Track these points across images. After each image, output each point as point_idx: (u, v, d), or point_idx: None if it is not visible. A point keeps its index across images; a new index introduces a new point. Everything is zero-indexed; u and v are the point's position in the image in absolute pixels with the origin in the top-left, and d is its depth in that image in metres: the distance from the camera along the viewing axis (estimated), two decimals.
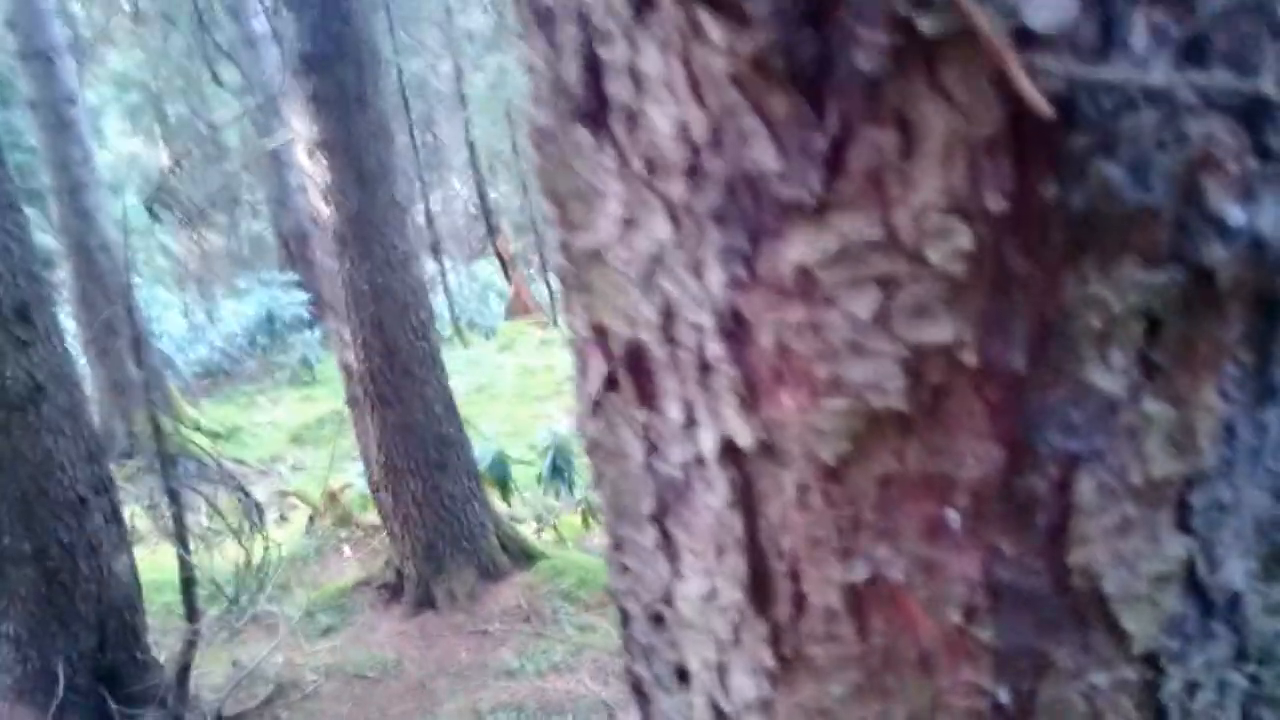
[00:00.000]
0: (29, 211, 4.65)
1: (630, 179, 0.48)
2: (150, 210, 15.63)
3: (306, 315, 14.46)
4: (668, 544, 0.55)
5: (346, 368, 5.49)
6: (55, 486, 4.14)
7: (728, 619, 0.51)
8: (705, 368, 0.48)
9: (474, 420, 6.32)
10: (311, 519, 7.25)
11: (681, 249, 0.47)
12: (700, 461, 0.50)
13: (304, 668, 5.15)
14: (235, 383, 13.97)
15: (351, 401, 5.59)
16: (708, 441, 0.49)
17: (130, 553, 4.50)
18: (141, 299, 11.61)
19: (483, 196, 17.86)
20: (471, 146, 18.37)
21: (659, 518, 0.54)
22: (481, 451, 6.25)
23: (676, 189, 0.46)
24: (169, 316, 14.88)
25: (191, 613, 4.22)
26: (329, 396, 12.31)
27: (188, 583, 4.16)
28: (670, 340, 0.50)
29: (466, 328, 15.64)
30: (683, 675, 0.58)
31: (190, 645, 4.21)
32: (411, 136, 16.02)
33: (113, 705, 4.26)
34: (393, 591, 5.87)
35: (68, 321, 7.38)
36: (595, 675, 4.65)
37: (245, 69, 15.44)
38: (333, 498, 7.29)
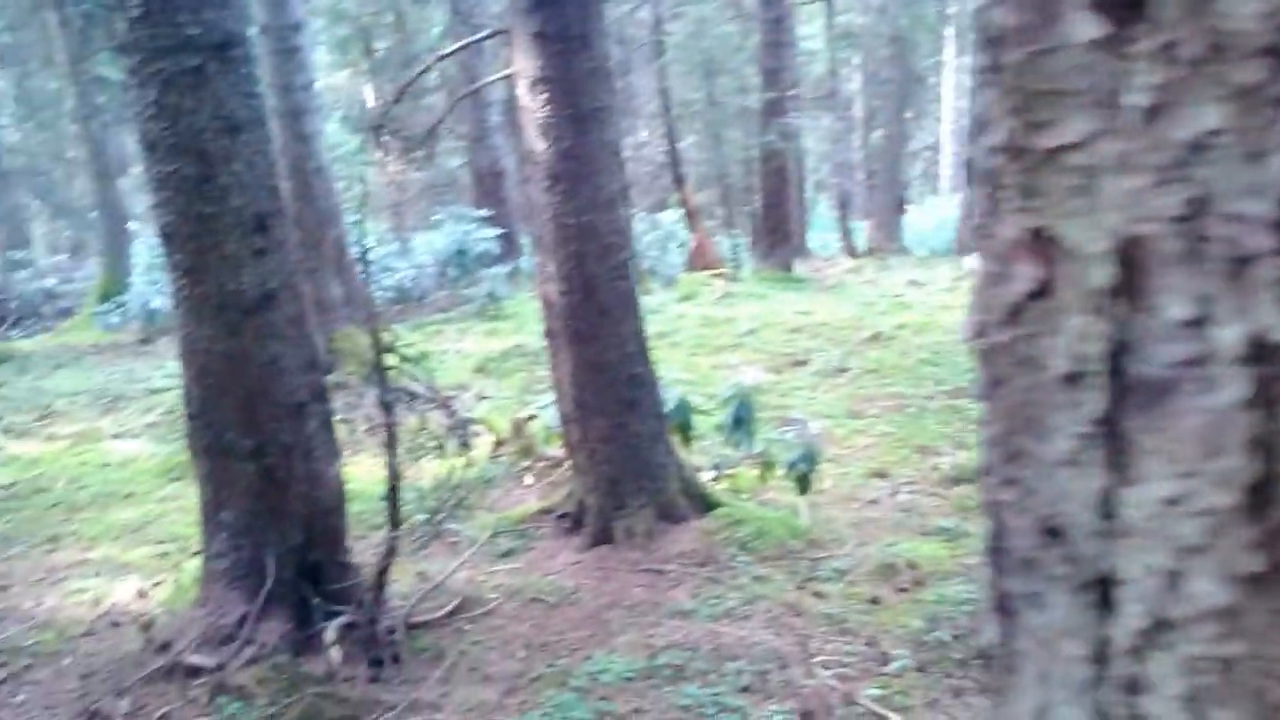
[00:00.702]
0: None
1: (1172, 65, 0.47)
2: (369, 139, 16.21)
3: (496, 251, 14.82)
4: (1116, 449, 0.54)
5: (546, 301, 5.61)
6: (277, 390, 4.38)
7: (1200, 524, 0.50)
8: (1240, 260, 0.47)
9: (655, 366, 6.38)
10: (498, 445, 7.49)
11: (1236, 135, 0.46)
12: (1204, 360, 0.49)
13: (485, 586, 5.34)
14: (424, 312, 14.49)
15: (548, 334, 5.72)
16: (1227, 338, 0.48)
17: (339, 460, 4.74)
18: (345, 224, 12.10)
19: (672, 146, 17.85)
20: (664, 95, 18.38)
21: (1110, 421, 0.54)
22: (665, 396, 6.32)
23: (1244, 73, 0.45)
24: (365, 243, 15.48)
25: (394, 520, 4.42)
26: (514, 331, 12.63)
27: (393, 491, 4.35)
28: (1192, 234, 0.49)
29: (647, 275, 15.78)
30: (1086, 587, 0.57)
31: (390, 551, 4.41)
32: None
33: (313, 600, 4.53)
34: (572, 523, 6.01)
35: None
36: (769, 625, 4.67)
37: (456, 4, 15.81)
38: (518, 428, 7.50)
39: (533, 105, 5.25)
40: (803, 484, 6.03)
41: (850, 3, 23.52)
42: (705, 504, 5.96)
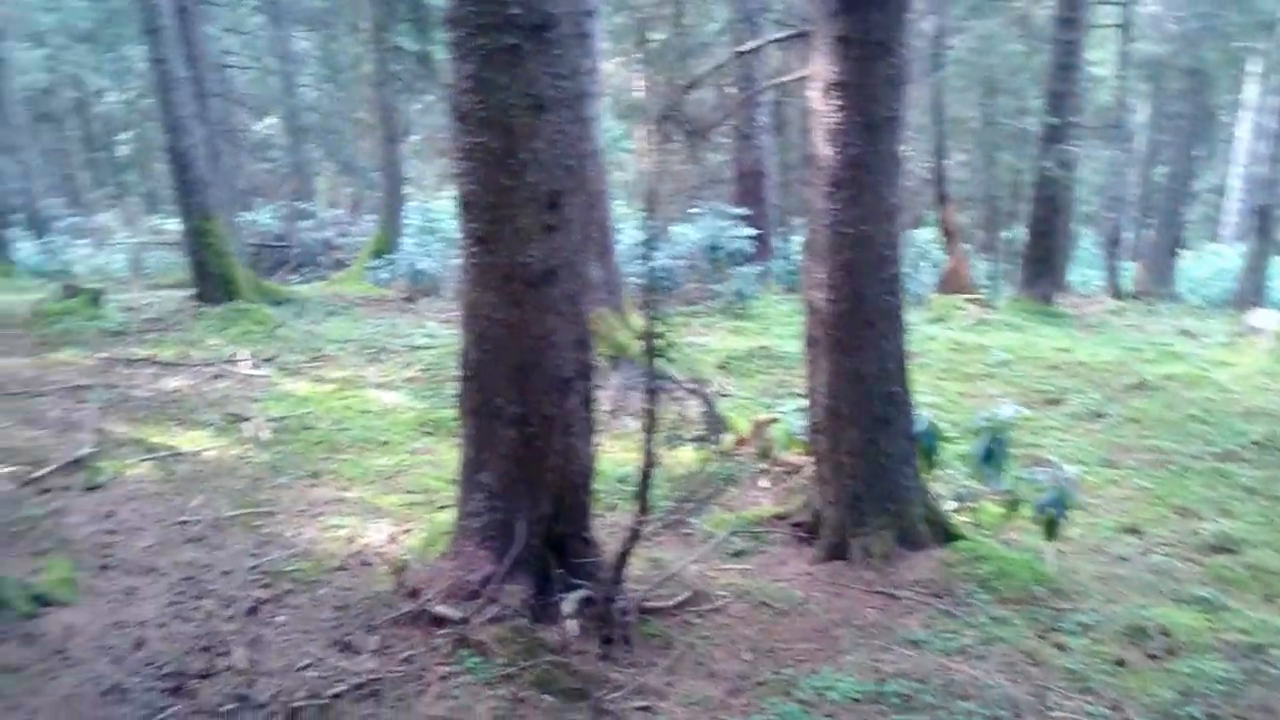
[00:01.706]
0: None
1: None
2: (648, 128, 16.55)
3: (749, 250, 14.84)
4: None
5: (812, 307, 5.56)
6: (548, 363, 4.51)
7: None
8: None
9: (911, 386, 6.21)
10: (738, 444, 7.50)
11: None
12: None
13: (715, 582, 5.36)
14: (671, 303, 14.67)
15: (809, 341, 5.66)
16: None
17: (593, 438, 4.85)
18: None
19: (939, 163, 17.40)
20: (938, 110, 17.93)
21: None
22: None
23: None
24: (623, 230, 15.81)
25: (644, 506, 4.48)
26: (759, 332, 12.62)
27: (647, 476, 4.41)
28: None
29: None
30: None
31: (635, 535, 4.48)
32: None
33: (554, 571, 4.65)
34: (807, 533, 5.95)
35: None
36: (1005, 669, 4.48)
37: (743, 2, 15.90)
38: (758, 429, 7.48)
39: (825, 109, 5.20)
40: (1050, 529, 5.77)
41: (1147, 29, 22.23)
42: (946, 534, 5.78)
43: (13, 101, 22.88)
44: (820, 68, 5.19)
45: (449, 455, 7.45)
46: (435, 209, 17.68)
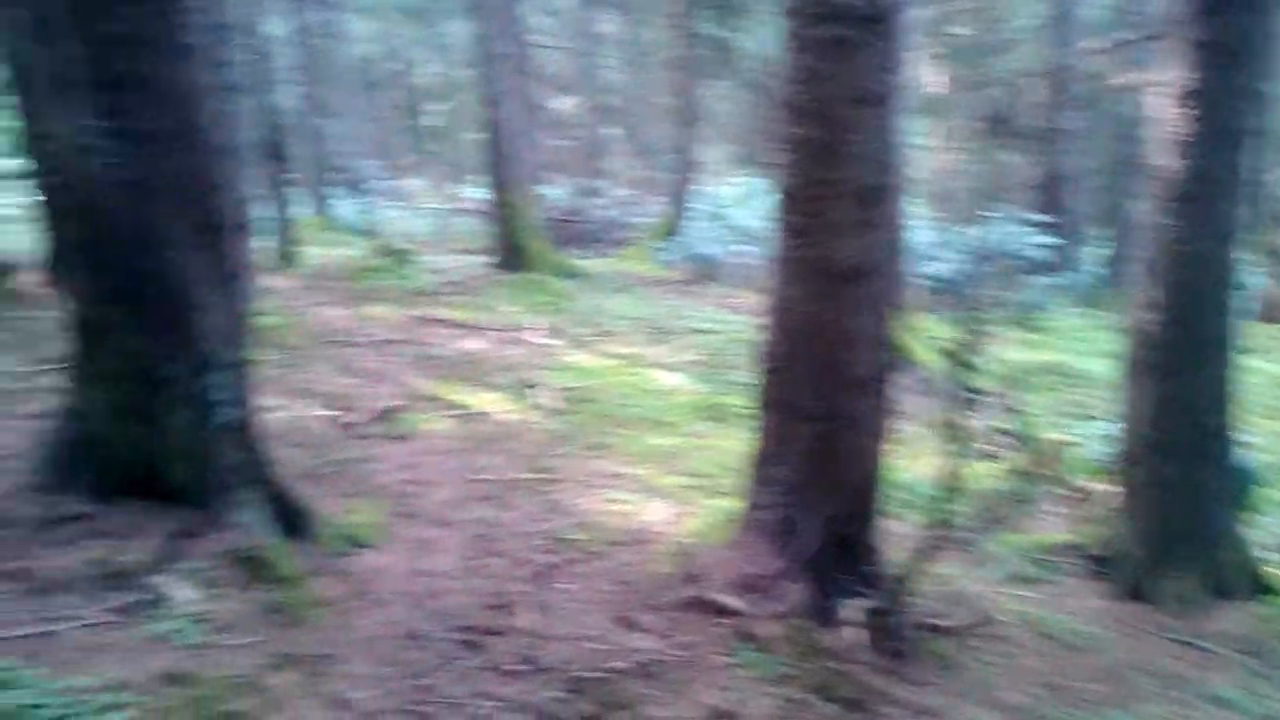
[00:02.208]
0: None
1: None
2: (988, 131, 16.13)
3: (1048, 260, 14.12)
4: None
5: (1139, 329, 5.19)
6: (852, 361, 4.42)
7: None
8: None
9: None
10: (1031, 463, 7.14)
11: None
12: None
13: (1000, 607, 5.11)
14: (957, 308, 14.15)
15: (1131, 364, 5.30)
16: None
17: (885, 441, 4.71)
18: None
19: (1263, 179, 15.94)
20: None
21: None
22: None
23: None
24: (912, 229, 15.39)
25: (943, 520, 4.32)
26: (1050, 346, 12.01)
27: (950, 490, 4.25)
28: None
29: None
30: None
31: (930, 548, 4.32)
32: None
33: (837, 574, 4.56)
34: (1102, 566, 5.59)
35: None
36: None
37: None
38: (1051, 450, 7.10)
39: (1174, 118, 4.82)
40: None
41: None
42: (1259, 585, 5.31)
43: (345, 70, 24.72)
44: (1174, 73, 4.82)
45: (727, 442, 7.49)
46: (721, 195, 17.78)
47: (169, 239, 4.23)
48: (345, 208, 21.43)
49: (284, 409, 7.02)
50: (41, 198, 4.89)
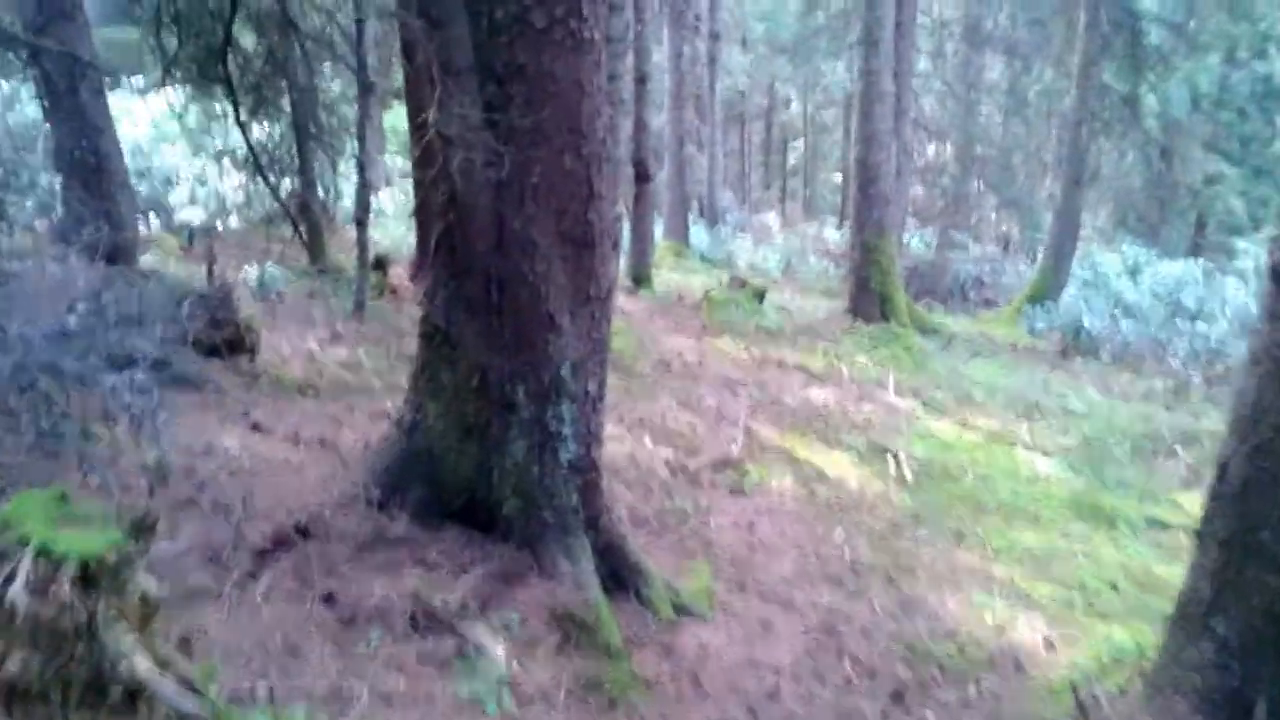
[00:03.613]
0: None
1: None
2: None
3: None
4: None
5: None
6: None
7: None
8: None
9: None
10: None
11: None
12: None
13: None
14: None
15: None
16: None
17: None
18: None
19: None
20: None
21: None
22: None
23: None
24: None
25: None
26: None
27: None
28: None
29: None
30: None
31: None
32: None
33: None
34: None
35: None
36: None
37: None
38: None
39: None
40: None
41: None
42: None
43: (715, 102, 24.82)
44: None
45: (1107, 551, 6.41)
46: (1103, 262, 16.13)
47: (533, 247, 3.81)
48: (700, 236, 21.40)
49: (621, 442, 6.62)
50: (418, 190, 4.65)
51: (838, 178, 37.92)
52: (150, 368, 3.83)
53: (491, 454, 3.97)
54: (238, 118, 7.36)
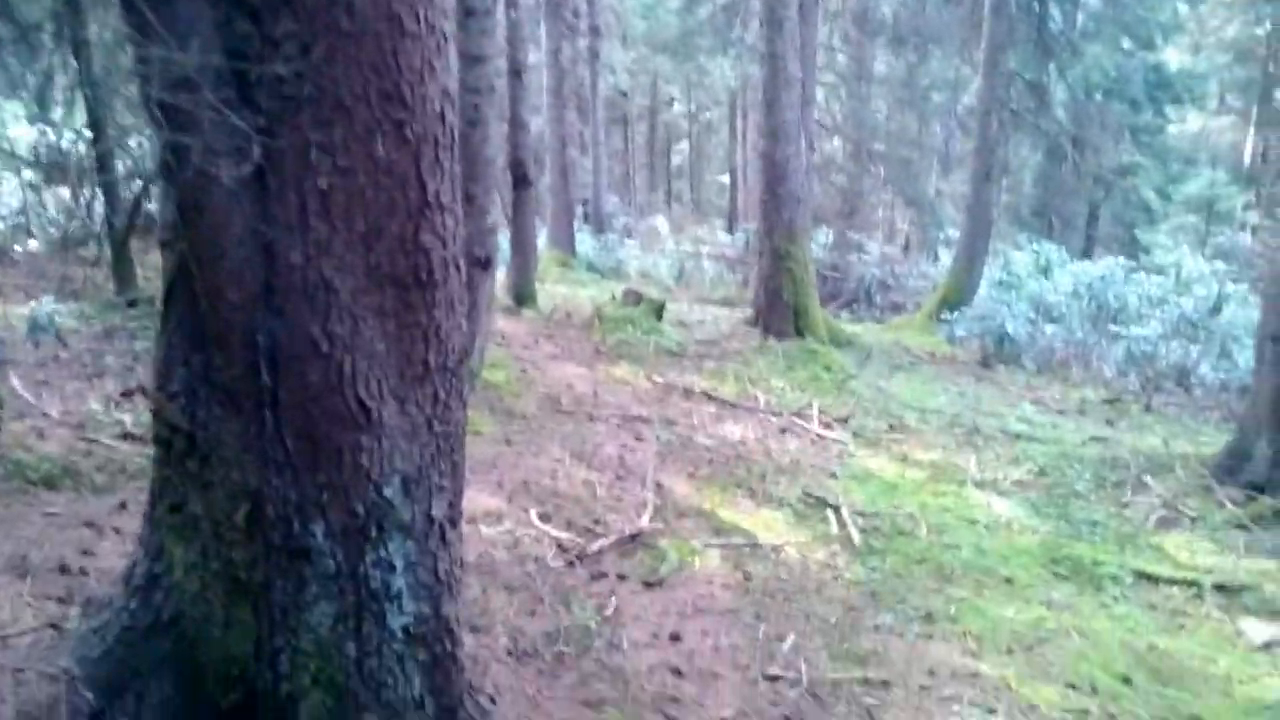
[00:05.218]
0: None
1: None
2: None
3: None
4: None
5: None
6: None
7: None
8: None
9: None
10: None
11: None
12: None
13: None
14: None
15: None
16: None
17: None
18: None
19: None
20: None
21: None
22: None
23: None
24: None
25: None
26: None
27: None
28: None
29: None
30: None
31: None
32: None
33: None
34: None
35: None
36: None
37: None
38: None
39: None
40: None
41: None
42: None
43: (597, 102, 23.46)
44: None
45: (1100, 624, 5.22)
46: (1016, 262, 15.18)
47: (327, 294, 2.32)
48: (587, 243, 19.99)
49: (499, 521, 5.16)
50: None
51: (725, 179, 37.04)
52: None
53: (277, 626, 2.44)
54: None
